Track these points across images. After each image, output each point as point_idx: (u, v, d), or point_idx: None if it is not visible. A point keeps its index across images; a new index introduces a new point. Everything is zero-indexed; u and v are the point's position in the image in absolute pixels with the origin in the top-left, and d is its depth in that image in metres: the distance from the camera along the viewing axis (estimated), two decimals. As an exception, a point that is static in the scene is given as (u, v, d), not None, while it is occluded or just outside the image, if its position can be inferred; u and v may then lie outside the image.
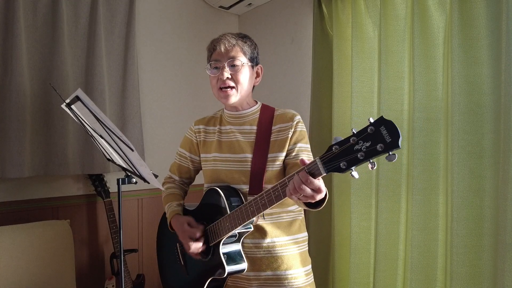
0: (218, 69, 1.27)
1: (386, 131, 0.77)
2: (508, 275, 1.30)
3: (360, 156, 0.81)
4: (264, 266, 1.23)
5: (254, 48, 1.31)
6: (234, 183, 1.26)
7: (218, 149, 1.32)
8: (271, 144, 1.24)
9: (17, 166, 1.82)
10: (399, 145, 0.76)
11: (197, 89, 2.68)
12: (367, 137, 0.80)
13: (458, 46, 1.47)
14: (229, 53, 1.24)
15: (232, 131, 1.32)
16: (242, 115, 1.33)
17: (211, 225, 1.23)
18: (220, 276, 1.17)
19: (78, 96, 1.17)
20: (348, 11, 1.96)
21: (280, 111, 1.32)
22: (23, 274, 1.72)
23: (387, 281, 1.74)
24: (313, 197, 0.94)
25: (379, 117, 0.79)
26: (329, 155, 0.87)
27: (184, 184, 1.52)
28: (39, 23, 1.93)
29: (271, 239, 1.23)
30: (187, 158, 1.45)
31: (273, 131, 1.26)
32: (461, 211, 1.45)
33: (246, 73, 1.26)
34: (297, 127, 1.26)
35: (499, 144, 1.38)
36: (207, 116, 1.46)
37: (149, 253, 2.47)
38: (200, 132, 1.41)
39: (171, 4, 2.53)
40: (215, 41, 1.29)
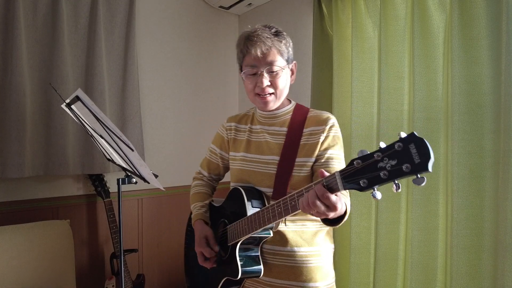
0: (255, 75, 1.17)
1: (415, 150, 0.68)
2: (508, 275, 1.30)
3: (383, 175, 0.73)
4: (281, 275, 1.17)
5: (289, 45, 1.21)
6: (259, 185, 1.20)
7: (247, 148, 1.27)
8: (300, 147, 1.16)
9: (17, 166, 1.82)
10: (428, 167, 0.66)
11: (197, 89, 2.68)
12: (394, 154, 0.71)
13: (458, 46, 1.47)
14: (266, 58, 1.14)
15: (262, 131, 1.26)
16: (274, 115, 1.25)
17: (230, 225, 1.21)
18: (233, 277, 1.15)
19: (78, 96, 1.17)
20: (348, 11, 1.96)
21: (314, 112, 1.23)
22: (23, 274, 1.72)
23: (387, 281, 1.74)
24: (325, 214, 0.87)
25: (410, 133, 0.70)
26: (350, 170, 0.79)
27: (213, 180, 1.48)
28: (39, 23, 1.93)
29: (291, 248, 1.16)
30: (217, 154, 1.42)
31: (304, 134, 1.18)
32: (461, 211, 1.45)
33: (284, 76, 1.18)
34: (330, 132, 1.17)
35: (499, 144, 1.38)
36: (240, 114, 1.39)
37: (149, 253, 2.47)
38: (231, 130, 1.35)
39: (171, 4, 2.53)
40: (248, 42, 1.16)
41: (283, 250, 1.16)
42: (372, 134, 1.85)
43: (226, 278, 1.20)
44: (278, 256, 1.17)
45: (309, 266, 1.16)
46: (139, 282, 2.18)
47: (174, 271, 2.60)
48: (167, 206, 2.54)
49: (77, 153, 2.04)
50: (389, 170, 0.72)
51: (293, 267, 1.16)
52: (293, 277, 1.16)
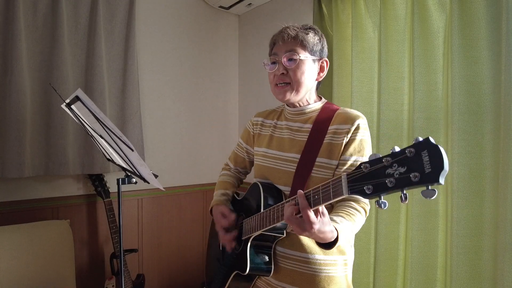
0: (276, 64, 1.14)
1: (428, 158, 0.61)
2: (508, 275, 1.30)
3: (389, 183, 0.67)
4: (292, 280, 1.12)
5: (319, 40, 1.17)
6: (277, 182, 1.17)
7: (269, 144, 1.24)
8: (323, 146, 1.10)
9: (17, 166, 1.82)
10: (439, 179, 0.60)
11: (197, 89, 2.68)
12: (404, 160, 0.65)
13: (458, 46, 1.47)
14: (287, 46, 1.12)
15: (286, 127, 1.22)
16: (301, 111, 1.20)
17: (246, 219, 1.18)
18: (242, 271, 1.12)
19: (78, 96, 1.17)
20: (348, 11, 1.96)
21: (343, 110, 1.15)
22: (23, 274, 1.72)
23: (387, 281, 1.74)
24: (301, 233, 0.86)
25: (425, 138, 0.63)
26: (357, 174, 0.73)
27: (240, 173, 1.47)
28: (39, 23, 1.93)
29: (305, 254, 1.10)
30: (243, 148, 1.41)
31: (329, 131, 1.11)
32: (461, 211, 1.45)
33: (304, 68, 1.12)
34: (357, 134, 1.08)
35: (499, 144, 1.38)
36: (270, 109, 1.37)
37: (149, 253, 2.47)
38: (257, 125, 1.34)
39: (171, 4, 2.53)
40: (275, 35, 1.17)
41: (296, 255, 1.12)
42: (372, 134, 1.83)
43: (236, 272, 1.18)
44: (290, 260, 1.12)
45: (322, 275, 1.10)
46: (139, 282, 2.18)
47: (174, 271, 2.60)
48: (167, 206, 2.55)
49: (77, 153, 2.04)
50: (396, 178, 0.66)
51: (305, 273, 1.10)
52: (304, 284, 1.10)
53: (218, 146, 2.81)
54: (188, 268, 2.67)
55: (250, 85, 2.81)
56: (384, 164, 0.68)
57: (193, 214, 2.68)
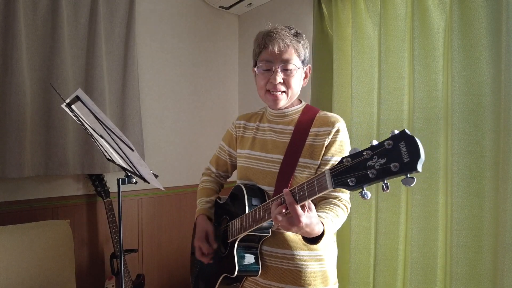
0: (269, 71, 1.16)
1: (405, 148, 0.66)
2: (507, 275, 1.30)
3: (371, 174, 0.71)
4: (279, 277, 1.15)
5: (307, 47, 1.21)
6: (261, 183, 1.19)
7: (252, 146, 1.27)
8: (305, 147, 1.14)
9: (17, 166, 1.82)
10: (417, 167, 0.64)
11: (197, 89, 2.68)
12: (383, 152, 0.69)
13: (458, 46, 1.47)
14: (282, 55, 1.13)
15: (269, 129, 1.25)
16: (284, 113, 1.24)
17: (231, 222, 1.20)
18: (230, 274, 1.14)
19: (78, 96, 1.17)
20: (348, 11, 1.96)
21: (323, 113, 1.21)
22: (23, 274, 1.72)
23: (387, 281, 1.74)
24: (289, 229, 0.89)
25: (401, 131, 0.68)
26: (339, 168, 0.77)
27: (220, 177, 1.49)
28: (39, 23, 1.93)
29: (290, 251, 1.14)
30: (225, 151, 1.43)
31: (310, 133, 1.16)
32: (461, 211, 1.45)
33: (298, 76, 1.17)
34: (337, 136, 1.13)
35: (499, 144, 1.38)
36: (251, 112, 1.40)
37: (149, 253, 2.47)
38: (240, 127, 1.36)
39: (171, 4, 2.53)
40: (267, 37, 1.15)
41: (282, 252, 1.15)
42: (372, 134, 1.85)
43: (224, 274, 1.20)
44: (276, 258, 1.15)
45: (308, 271, 1.13)
46: (139, 282, 2.18)
47: (174, 271, 2.60)
48: (167, 206, 2.55)
49: (77, 153, 2.04)
50: (377, 169, 0.70)
51: (291, 270, 1.14)
52: (291, 280, 1.13)
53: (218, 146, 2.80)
54: (188, 268, 2.67)
55: (250, 85, 2.81)
56: (365, 157, 0.72)
57: (193, 214, 2.65)
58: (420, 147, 0.65)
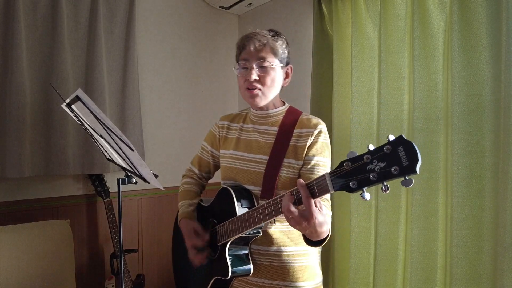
0: (247, 69, 1.20)
1: (404, 153, 0.71)
2: (507, 275, 1.30)
3: (373, 177, 0.75)
4: (269, 275, 1.17)
5: (286, 47, 1.24)
6: (246, 183, 1.21)
7: (236, 146, 1.29)
8: (289, 148, 1.17)
9: (17, 166, 1.82)
10: (416, 170, 0.69)
11: (197, 89, 2.68)
12: (383, 156, 0.73)
13: (458, 46, 1.47)
14: (258, 53, 1.18)
15: (253, 130, 1.28)
16: (266, 115, 1.27)
17: (220, 225, 1.21)
18: (224, 277, 1.16)
19: (78, 96, 1.18)
20: (348, 11, 1.96)
21: (305, 115, 1.25)
22: (23, 274, 1.72)
23: (387, 281, 1.74)
24: (300, 224, 0.87)
25: (398, 136, 0.72)
26: (340, 171, 0.80)
27: (203, 178, 1.49)
28: (39, 23, 1.93)
29: (278, 248, 1.17)
30: (208, 152, 1.43)
31: (294, 134, 1.19)
32: (461, 211, 1.45)
33: (274, 74, 1.20)
34: (319, 138, 1.18)
35: (499, 144, 1.38)
36: (234, 113, 1.42)
37: (149, 253, 2.47)
38: (223, 128, 1.38)
39: (171, 4, 2.53)
40: (245, 38, 1.21)
41: (270, 250, 1.17)
42: (372, 134, 1.85)
43: (215, 277, 1.21)
44: (265, 256, 1.18)
45: (295, 266, 1.17)
46: (139, 282, 2.18)
47: (174, 271, 2.60)
48: (167, 206, 2.54)
49: (77, 153, 2.04)
50: (378, 172, 0.74)
51: (279, 266, 1.17)
52: (280, 276, 1.17)
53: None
54: (188, 268, 2.67)
55: (250, 85, 2.80)
56: (365, 161, 0.76)
57: (193, 214, 2.67)
58: (418, 151, 0.70)
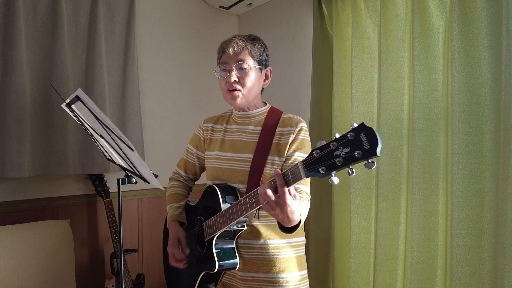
0: (227, 72, 1.27)
1: (365, 138, 0.77)
2: (508, 275, 1.30)
3: (338, 162, 0.81)
4: (256, 267, 1.23)
5: (264, 50, 1.31)
6: (232, 182, 1.27)
7: (221, 147, 1.34)
8: (272, 146, 1.24)
9: (17, 166, 1.82)
10: (376, 152, 0.75)
11: (197, 89, 2.68)
12: (347, 143, 0.80)
13: (458, 46, 1.46)
14: (237, 56, 1.25)
15: (237, 131, 1.34)
16: (249, 115, 1.34)
17: (206, 221, 1.26)
18: (211, 270, 1.20)
19: (78, 96, 1.18)
20: (348, 11, 1.96)
21: (287, 115, 1.31)
22: (23, 274, 1.72)
23: (387, 281, 1.74)
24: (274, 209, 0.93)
25: (360, 124, 0.79)
26: (311, 159, 0.87)
27: (189, 180, 1.54)
28: (39, 23, 1.93)
29: (264, 241, 1.23)
30: (193, 154, 1.48)
31: (276, 133, 1.26)
32: (461, 211, 1.45)
33: (253, 76, 1.27)
34: (299, 135, 1.25)
35: (499, 144, 1.38)
36: (217, 115, 1.48)
37: (149, 253, 2.47)
38: (208, 130, 1.43)
39: (171, 4, 2.53)
40: (224, 43, 1.30)
41: (257, 243, 1.23)
42: (372, 134, 1.85)
43: (204, 272, 1.25)
44: (252, 249, 1.24)
45: (281, 258, 1.23)
46: (139, 282, 2.18)
47: (174, 271, 2.60)
48: (167, 206, 2.54)
49: (77, 153, 2.04)
50: (343, 157, 0.80)
51: (265, 259, 1.23)
52: (266, 269, 1.22)
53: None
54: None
55: (250, 85, 2.80)
56: (332, 148, 0.82)
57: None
58: (378, 136, 0.76)
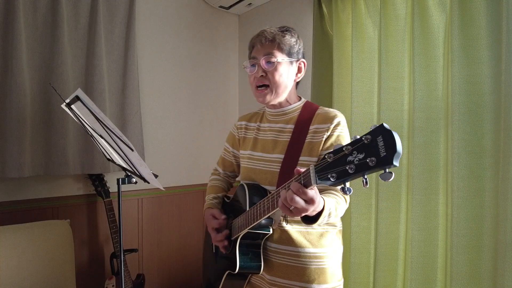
0: (255, 67, 1.19)
1: (382, 143, 0.64)
2: (508, 275, 1.30)
3: (350, 170, 0.69)
4: (284, 274, 1.16)
5: (296, 41, 1.20)
6: (263, 183, 1.21)
7: (253, 146, 1.28)
8: (305, 146, 1.14)
9: (17, 166, 1.82)
10: (392, 161, 0.63)
11: (197, 89, 2.68)
12: (362, 147, 0.68)
13: (458, 46, 1.46)
14: (265, 50, 1.17)
15: (269, 129, 1.26)
16: (281, 112, 1.25)
17: (234, 220, 1.22)
18: (232, 270, 1.16)
19: (78, 96, 1.18)
20: (348, 11, 1.96)
21: (322, 109, 1.20)
22: (23, 274, 1.72)
23: (387, 281, 1.74)
24: (306, 210, 0.85)
25: (379, 125, 0.66)
26: (323, 164, 0.76)
27: (229, 177, 1.51)
28: (39, 23, 1.93)
29: (295, 248, 1.15)
30: (230, 152, 1.45)
31: (309, 131, 1.16)
32: (461, 211, 1.45)
33: (282, 70, 1.17)
34: (335, 131, 1.14)
35: (499, 144, 1.38)
36: (252, 112, 1.42)
37: (149, 253, 2.47)
38: (242, 128, 1.38)
39: (171, 4, 2.53)
40: (254, 37, 1.22)
41: (287, 249, 1.16)
42: (372, 134, 1.85)
43: (228, 271, 1.21)
44: (281, 255, 1.17)
45: (312, 267, 1.15)
46: (139, 282, 2.18)
47: (174, 271, 2.60)
48: (167, 206, 2.55)
49: (77, 153, 2.04)
50: (356, 164, 0.69)
51: (296, 267, 1.15)
52: (295, 277, 1.15)
53: (218, 146, 2.81)
54: (188, 268, 2.67)
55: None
56: (345, 152, 0.71)
57: (193, 214, 2.68)
58: (397, 141, 0.63)
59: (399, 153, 0.63)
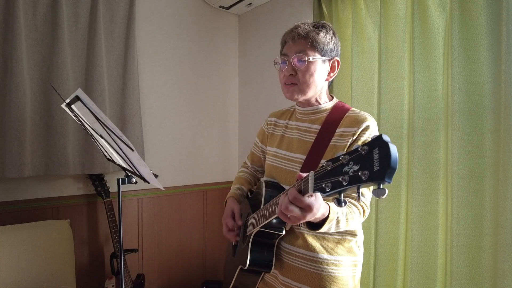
0: (286, 64, 1.14)
1: (378, 156, 0.59)
2: (508, 275, 1.30)
3: (344, 181, 0.65)
4: (296, 277, 1.14)
5: (330, 39, 1.13)
6: (283, 182, 1.18)
7: (279, 144, 1.26)
8: (328, 148, 1.09)
9: (17, 166, 1.82)
10: (384, 178, 0.57)
11: (197, 89, 2.68)
12: (358, 158, 0.63)
13: (458, 46, 1.46)
14: (297, 47, 1.11)
15: (296, 128, 1.23)
16: (310, 111, 1.21)
17: (250, 216, 1.21)
18: (243, 266, 1.16)
19: (78, 96, 1.18)
20: (348, 11, 1.96)
21: (353, 112, 1.14)
22: (23, 274, 1.72)
23: (387, 281, 1.74)
24: (303, 217, 0.82)
25: (377, 136, 0.61)
26: (321, 171, 0.71)
27: (256, 171, 1.49)
28: (39, 23, 1.93)
29: (308, 252, 1.12)
30: (259, 147, 1.44)
31: (336, 133, 1.10)
32: (461, 211, 1.45)
33: (314, 69, 1.11)
34: (362, 135, 1.06)
35: (499, 144, 1.38)
36: (283, 109, 1.38)
37: (149, 253, 2.47)
38: (271, 125, 1.36)
39: (171, 4, 2.53)
40: (286, 33, 1.16)
41: (301, 252, 1.13)
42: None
43: (240, 266, 1.21)
44: (295, 257, 1.15)
45: (324, 274, 1.11)
46: (139, 282, 2.18)
47: (174, 271, 2.60)
48: (167, 206, 2.55)
49: (77, 153, 2.04)
50: (350, 176, 0.64)
51: (308, 271, 1.12)
52: (307, 281, 1.12)
53: (218, 146, 2.81)
54: (188, 268, 2.67)
55: (250, 85, 2.81)
56: (342, 162, 0.66)
57: (193, 214, 2.68)
58: (392, 156, 0.57)
59: (393, 169, 0.57)
